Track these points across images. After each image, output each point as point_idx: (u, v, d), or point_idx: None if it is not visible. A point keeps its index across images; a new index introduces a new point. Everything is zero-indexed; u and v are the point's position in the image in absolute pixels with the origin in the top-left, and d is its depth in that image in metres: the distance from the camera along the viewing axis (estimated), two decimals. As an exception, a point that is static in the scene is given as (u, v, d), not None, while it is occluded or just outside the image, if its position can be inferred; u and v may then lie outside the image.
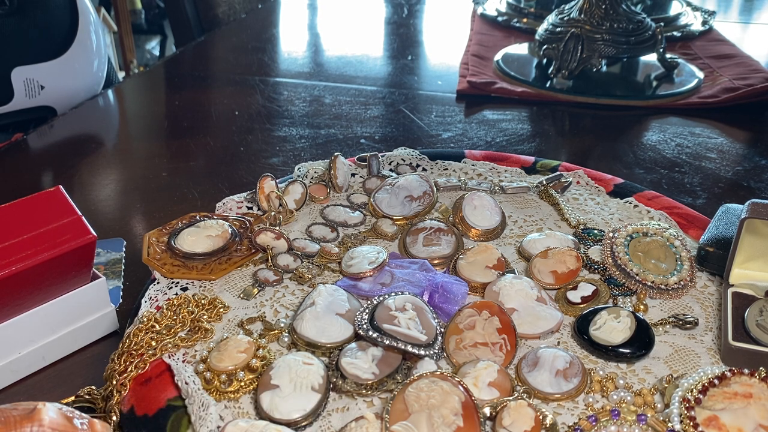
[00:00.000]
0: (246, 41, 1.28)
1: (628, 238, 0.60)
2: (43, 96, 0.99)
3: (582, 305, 0.55)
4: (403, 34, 1.34)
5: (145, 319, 0.52)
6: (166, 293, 0.57)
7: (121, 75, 2.01)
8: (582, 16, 1.05)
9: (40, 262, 0.47)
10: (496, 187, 0.72)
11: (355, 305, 0.54)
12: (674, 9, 1.33)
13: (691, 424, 0.42)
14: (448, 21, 1.43)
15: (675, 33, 1.23)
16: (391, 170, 0.76)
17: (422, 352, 0.48)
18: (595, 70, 1.03)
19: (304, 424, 0.45)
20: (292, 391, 0.46)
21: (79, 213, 0.50)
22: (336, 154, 0.73)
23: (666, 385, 0.47)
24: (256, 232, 0.62)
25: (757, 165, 0.82)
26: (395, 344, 0.48)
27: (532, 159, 0.79)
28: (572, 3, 1.09)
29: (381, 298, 0.52)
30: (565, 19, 1.06)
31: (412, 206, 0.68)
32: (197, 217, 0.64)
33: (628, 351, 0.50)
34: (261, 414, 0.45)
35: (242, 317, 0.54)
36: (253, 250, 0.61)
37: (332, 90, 1.05)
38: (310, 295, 0.55)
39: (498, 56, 1.14)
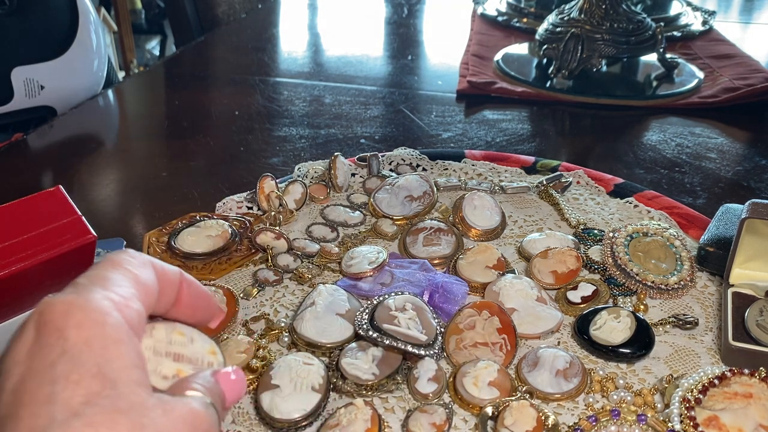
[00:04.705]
0: (246, 41, 1.28)
1: (628, 238, 0.60)
2: (43, 96, 0.99)
3: (582, 305, 0.55)
4: (403, 34, 1.34)
5: (145, 319, 0.52)
6: (166, 293, 0.57)
7: (121, 75, 2.01)
8: (582, 16, 1.04)
9: (40, 262, 0.47)
10: (496, 187, 0.72)
11: (355, 305, 0.54)
12: (674, 9, 1.33)
13: (691, 424, 0.42)
14: (448, 21, 1.43)
15: (675, 33, 1.23)
16: (391, 170, 0.76)
17: (422, 352, 0.48)
18: (595, 70, 1.03)
19: (304, 424, 0.45)
20: (293, 391, 0.46)
21: (79, 213, 0.50)
22: (336, 154, 0.73)
23: (666, 385, 0.47)
24: (256, 232, 0.62)
25: (757, 165, 0.82)
26: (395, 344, 0.48)
27: (532, 159, 0.79)
28: (572, 3, 1.09)
29: (381, 298, 0.52)
30: (565, 19, 1.06)
31: (412, 206, 0.68)
32: (197, 217, 0.64)
33: (628, 351, 0.50)
34: (261, 414, 0.45)
35: (242, 317, 0.54)
36: (253, 250, 0.61)
37: (332, 90, 1.05)
38: (310, 295, 0.55)
39: (498, 56, 1.13)
